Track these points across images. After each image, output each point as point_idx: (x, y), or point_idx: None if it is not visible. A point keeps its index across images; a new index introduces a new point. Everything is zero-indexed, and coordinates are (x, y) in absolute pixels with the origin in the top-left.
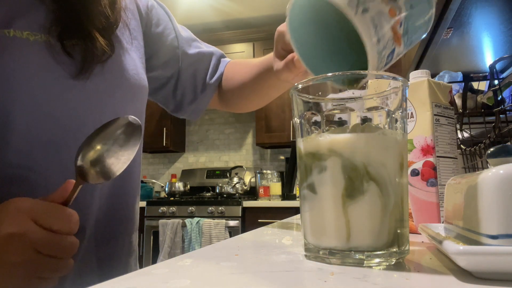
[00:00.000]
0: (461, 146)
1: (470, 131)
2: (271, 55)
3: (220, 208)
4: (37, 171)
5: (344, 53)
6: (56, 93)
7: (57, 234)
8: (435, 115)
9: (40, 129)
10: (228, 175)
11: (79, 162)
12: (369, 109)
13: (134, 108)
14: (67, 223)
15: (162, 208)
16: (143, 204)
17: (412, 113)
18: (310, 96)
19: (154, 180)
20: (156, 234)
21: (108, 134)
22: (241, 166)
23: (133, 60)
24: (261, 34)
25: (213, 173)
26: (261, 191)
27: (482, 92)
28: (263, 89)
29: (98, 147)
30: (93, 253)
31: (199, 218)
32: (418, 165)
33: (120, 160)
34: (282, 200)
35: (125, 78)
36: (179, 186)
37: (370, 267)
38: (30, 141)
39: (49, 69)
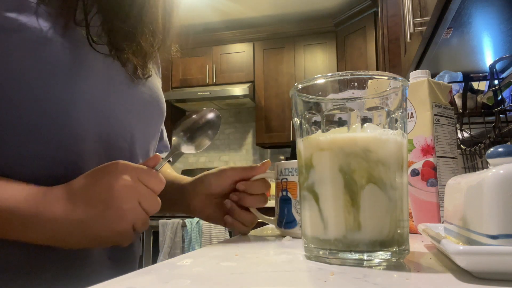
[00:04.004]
0: (461, 146)
1: (470, 131)
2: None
3: None
4: (84, 158)
5: None
6: (113, 95)
7: (152, 192)
8: (435, 115)
9: (94, 123)
10: None
11: (178, 137)
12: (369, 109)
13: (154, 128)
14: (160, 184)
15: None
16: None
17: (412, 113)
18: (310, 96)
19: None
20: (156, 234)
21: (201, 118)
22: None
23: (160, 89)
24: (261, 34)
25: None
26: None
27: (482, 92)
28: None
29: (197, 126)
30: (105, 255)
31: (199, 218)
32: (418, 165)
33: (203, 142)
34: None
35: (156, 100)
36: None
37: (370, 267)
38: (85, 131)
39: (113, 72)
